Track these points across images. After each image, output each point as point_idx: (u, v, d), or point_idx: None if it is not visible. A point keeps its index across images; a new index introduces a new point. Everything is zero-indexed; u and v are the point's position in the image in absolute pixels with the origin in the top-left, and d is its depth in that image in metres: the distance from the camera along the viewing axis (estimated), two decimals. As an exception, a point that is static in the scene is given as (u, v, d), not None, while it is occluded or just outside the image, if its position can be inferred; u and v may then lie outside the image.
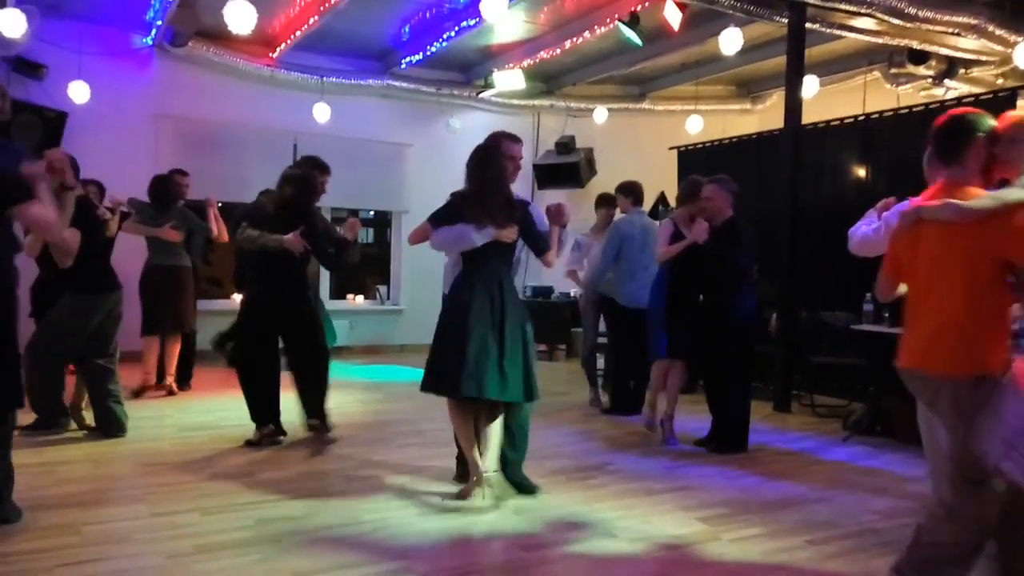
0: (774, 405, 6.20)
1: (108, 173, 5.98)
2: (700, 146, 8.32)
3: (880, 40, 7.14)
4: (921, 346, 2.54)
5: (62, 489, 3.72)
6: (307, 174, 4.78)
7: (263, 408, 4.71)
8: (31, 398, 4.34)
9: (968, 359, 2.42)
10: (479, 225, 3.65)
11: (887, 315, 5.38)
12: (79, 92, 7.34)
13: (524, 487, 3.83)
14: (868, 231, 3.03)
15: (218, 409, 5.72)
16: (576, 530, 3.35)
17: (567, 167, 9.61)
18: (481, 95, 9.59)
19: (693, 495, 3.88)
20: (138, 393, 6.03)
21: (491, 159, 3.77)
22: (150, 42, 8.00)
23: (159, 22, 7.52)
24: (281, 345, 4.84)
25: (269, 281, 4.66)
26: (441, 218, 3.75)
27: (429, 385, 3.69)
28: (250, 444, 4.63)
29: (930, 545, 2.49)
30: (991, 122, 2.55)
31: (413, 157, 9.53)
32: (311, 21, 7.39)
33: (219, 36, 7.79)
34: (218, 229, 6.46)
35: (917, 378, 2.56)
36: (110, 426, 4.76)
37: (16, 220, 3.08)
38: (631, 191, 5.96)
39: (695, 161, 8.06)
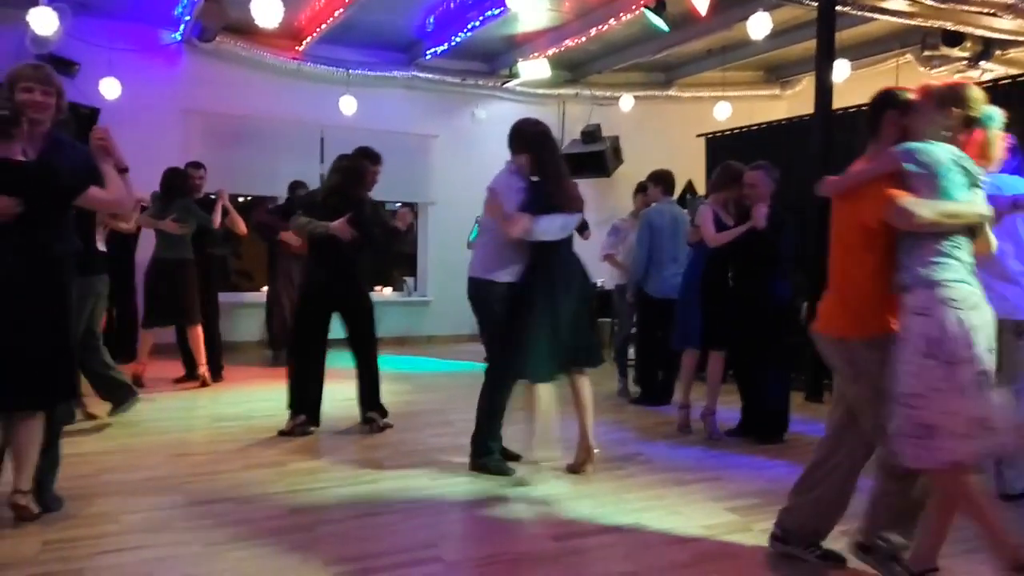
0: (806, 395, 6.13)
1: (139, 167, 5.97)
2: (728, 133, 8.22)
3: (913, 22, 6.98)
4: (823, 311, 2.78)
5: (101, 479, 3.80)
6: (355, 163, 4.89)
7: (302, 395, 4.78)
8: None
9: (856, 322, 2.61)
10: (570, 211, 3.79)
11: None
12: (110, 88, 7.45)
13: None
14: None
15: (250, 400, 5.80)
16: (605, 520, 3.35)
17: (593, 156, 9.55)
18: (506, 85, 9.57)
19: (723, 485, 3.86)
20: (135, 382, 5.78)
21: (553, 143, 3.93)
22: (178, 38, 8.09)
23: (187, 17, 7.60)
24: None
25: (321, 267, 4.79)
26: (537, 207, 3.78)
27: (534, 374, 3.82)
28: (283, 434, 4.69)
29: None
30: (907, 96, 2.65)
31: (439, 148, 9.55)
32: (336, 14, 7.42)
33: (246, 30, 7.86)
34: (230, 221, 6.47)
35: (820, 341, 2.77)
36: (119, 391, 4.79)
37: (85, 205, 3.22)
38: (662, 180, 5.92)
39: (723, 148, 7.96)
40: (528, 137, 3.87)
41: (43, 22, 6.21)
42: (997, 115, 2.54)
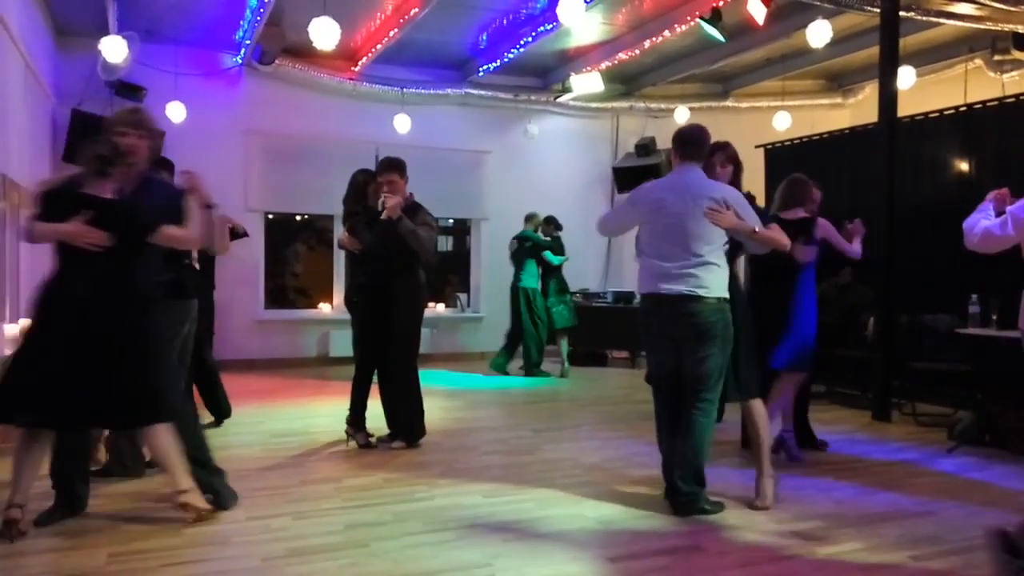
0: (873, 414, 5.91)
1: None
2: (789, 143, 8.05)
3: (982, 25, 6.74)
4: None
5: (164, 492, 3.87)
6: (354, 177, 5.03)
7: (351, 406, 4.88)
8: None
9: None
10: None
11: (995, 317, 5.06)
12: (176, 112, 7.71)
13: None
14: (991, 226, 2.85)
15: (308, 416, 5.88)
16: (664, 542, 3.27)
17: (647, 169, 9.41)
18: (559, 100, 9.56)
19: (786, 507, 3.72)
20: None
21: None
22: (239, 61, 8.34)
23: (247, 41, 7.83)
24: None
25: (351, 282, 5.08)
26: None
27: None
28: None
29: None
30: None
31: (492, 164, 9.60)
32: (391, 34, 7.54)
33: (304, 53, 8.06)
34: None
35: None
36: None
37: (159, 242, 3.31)
38: None
39: (784, 159, 7.80)
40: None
41: (114, 50, 6.47)
42: None
